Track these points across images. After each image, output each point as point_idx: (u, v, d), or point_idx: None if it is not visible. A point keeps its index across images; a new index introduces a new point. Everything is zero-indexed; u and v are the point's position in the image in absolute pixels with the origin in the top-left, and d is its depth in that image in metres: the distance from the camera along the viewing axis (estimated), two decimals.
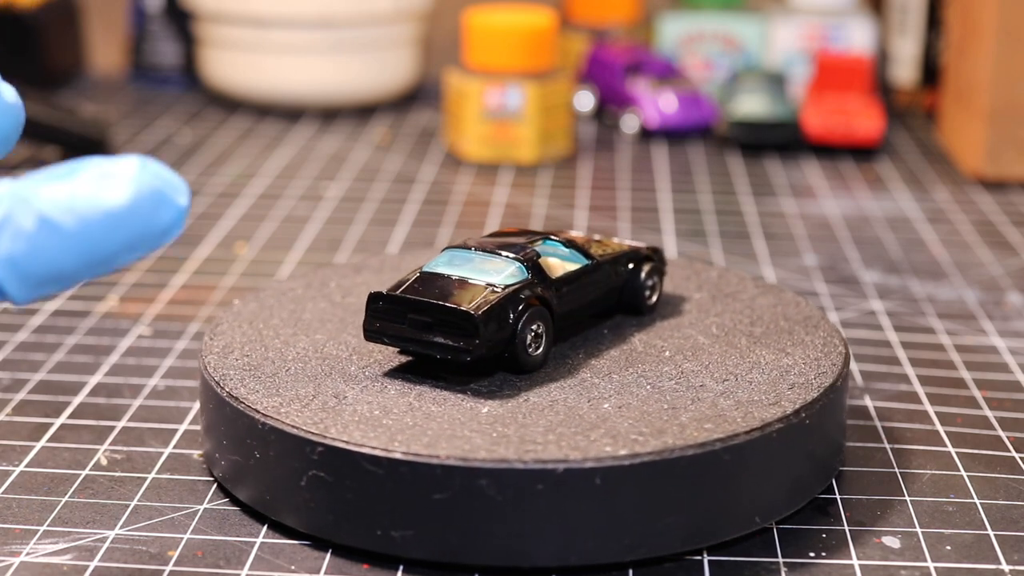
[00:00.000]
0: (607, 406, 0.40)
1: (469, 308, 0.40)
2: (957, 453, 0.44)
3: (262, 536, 0.39)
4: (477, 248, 0.43)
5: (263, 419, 0.39)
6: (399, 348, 0.42)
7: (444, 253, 0.43)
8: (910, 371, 0.50)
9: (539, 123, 0.77)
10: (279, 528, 0.39)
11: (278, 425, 0.38)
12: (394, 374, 0.42)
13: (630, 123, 0.83)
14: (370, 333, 0.42)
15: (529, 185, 0.73)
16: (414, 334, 0.41)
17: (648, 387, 0.41)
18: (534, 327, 0.41)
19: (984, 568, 0.38)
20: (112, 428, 0.45)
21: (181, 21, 0.93)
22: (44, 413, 0.46)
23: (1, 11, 0.90)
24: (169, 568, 0.37)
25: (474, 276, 0.42)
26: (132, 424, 0.46)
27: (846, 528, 0.40)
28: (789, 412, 0.39)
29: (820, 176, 0.75)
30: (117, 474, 0.42)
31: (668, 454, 0.37)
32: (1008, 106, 0.73)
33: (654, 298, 0.46)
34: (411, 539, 0.37)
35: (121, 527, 0.39)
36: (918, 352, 0.52)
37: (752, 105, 0.80)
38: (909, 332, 0.54)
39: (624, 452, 0.37)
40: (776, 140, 0.79)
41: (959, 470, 0.43)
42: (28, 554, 0.38)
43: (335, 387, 0.41)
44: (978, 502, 0.41)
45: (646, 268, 0.46)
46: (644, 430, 0.38)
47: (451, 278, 0.42)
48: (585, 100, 0.86)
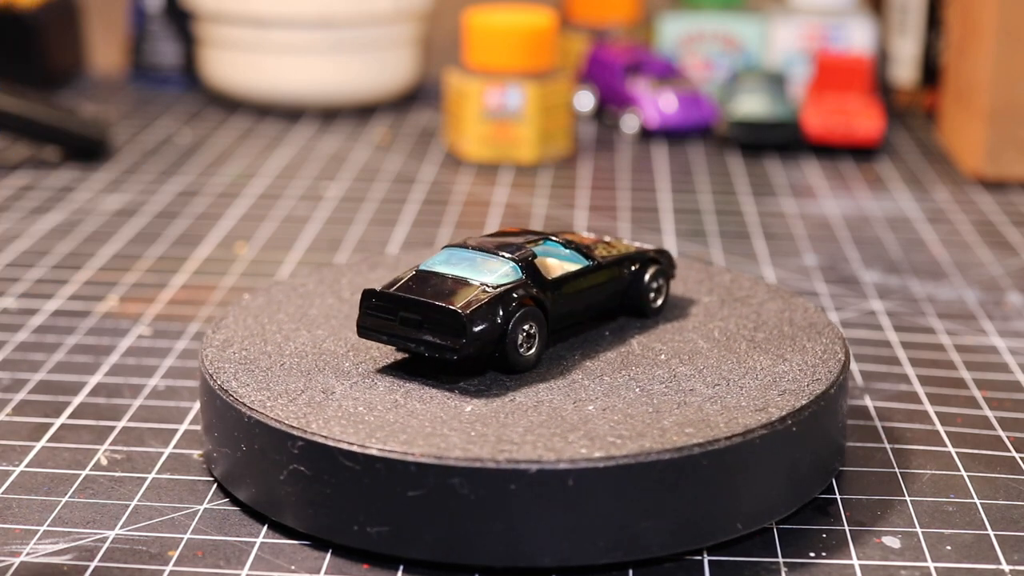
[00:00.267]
0: (592, 408, 0.40)
1: (457, 307, 0.40)
2: (957, 453, 0.44)
3: (262, 536, 0.39)
4: (475, 247, 0.43)
5: (249, 412, 0.39)
6: (391, 345, 0.42)
7: (442, 252, 0.43)
8: (910, 371, 0.50)
9: (539, 123, 0.77)
10: (279, 528, 0.39)
11: (262, 419, 0.39)
12: (387, 371, 0.42)
13: (630, 123, 0.83)
14: (363, 330, 0.42)
15: (529, 185, 0.73)
16: (405, 332, 0.41)
17: (637, 390, 0.41)
18: (526, 327, 0.41)
19: (984, 568, 0.38)
20: (112, 428, 0.45)
21: (181, 21, 0.93)
22: (44, 413, 0.46)
23: (1, 11, 0.90)
24: (169, 568, 0.37)
25: (469, 275, 0.42)
26: (132, 424, 0.46)
27: (846, 528, 0.40)
28: (775, 419, 0.39)
29: (820, 176, 0.75)
30: (117, 474, 0.42)
31: (644, 457, 0.37)
32: (1008, 106, 0.73)
33: (659, 301, 0.46)
34: (386, 535, 0.37)
35: (121, 527, 0.39)
36: (918, 352, 0.52)
37: (752, 105, 0.80)
38: (909, 332, 0.54)
39: (599, 454, 0.37)
40: (776, 140, 0.79)
41: (959, 470, 0.43)
42: (28, 554, 0.38)
43: (325, 383, 0.41)
44: (978, 502, 0.41)
45: (651, 271, 0.46)
46: (624, 433, 0.38)
47: (446, 277, 0.42)
48: (585, 100, 0.86)
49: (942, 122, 0.83)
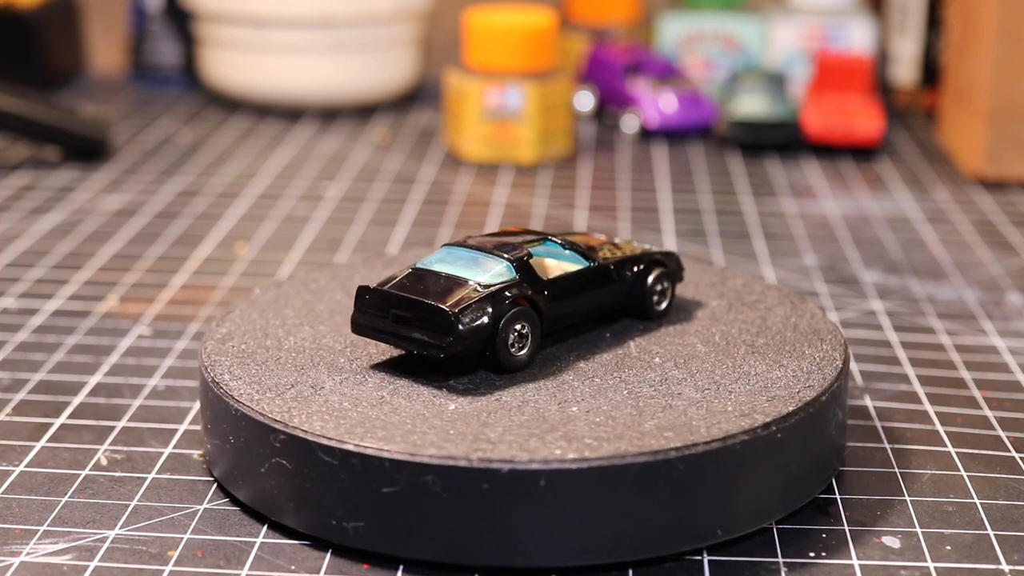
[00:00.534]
0: (575, 409, 0.39)
1: (445, 305, 0.40)
2: (957, 453, 0.44)
3: (262, 536, 0.39)
4: (474, 246, 0.43)
5: (235, 405, 0.40)
6: (382, 342, 0.42)
7: (441, 250, 0.43)
8: (910, 371, 0.50)
9: (539, 123, 0.77)
10: (279, 528, 0.39)
11: (248, 412, 0.39)
12: (380, 368, 0.42)
13: (630, 123, 0.83)
14: (356, 326, 0.42)
15: (529, 185, 0.73)
16: (395, 329, 0.41)
17: (624, 392, 0.40)
18: (518, 327, 0.41)
19: (984, 568, 0.38)
20: (112, 428, 0.45)
21: (181, 21, 0.93)
22: (44, 413, 0.46)
23: (1, 11, 0.90)
24: (169, 568, 0.37)
25: (463, 274, 0.42)
26: (132, 424, 0.46)
27: (846, 528, 0.40)
28: (757, 425, 0.38)
29: (820, 176, 0.75)
30: (117, 474, 0.42)
31: (619, 460, 0.36)
32: (1008, 106, 0.73)
33: (664, 304, 0.46)
34: (363, 531, 0.37)
35: (121, 527, 0.39)
36: (918, 352, 0.52)
37: (752, 105, 0.80)
38: (909, 332, 0.54)
39: (572, 456, 0.36)
40: (776, 140, 0.79)
41: (959, 470, 0.43)
42: (28, 554, 0.38)
43: (316, 378, 0.41)
44: (978, 502, 0.41)
45: (655, 273, 0.45)
46: (602, 435, 0.38)
47: (440, 275, 0.42)
48: (585, 100, 0.86)
49: (942, 122, 0.83)
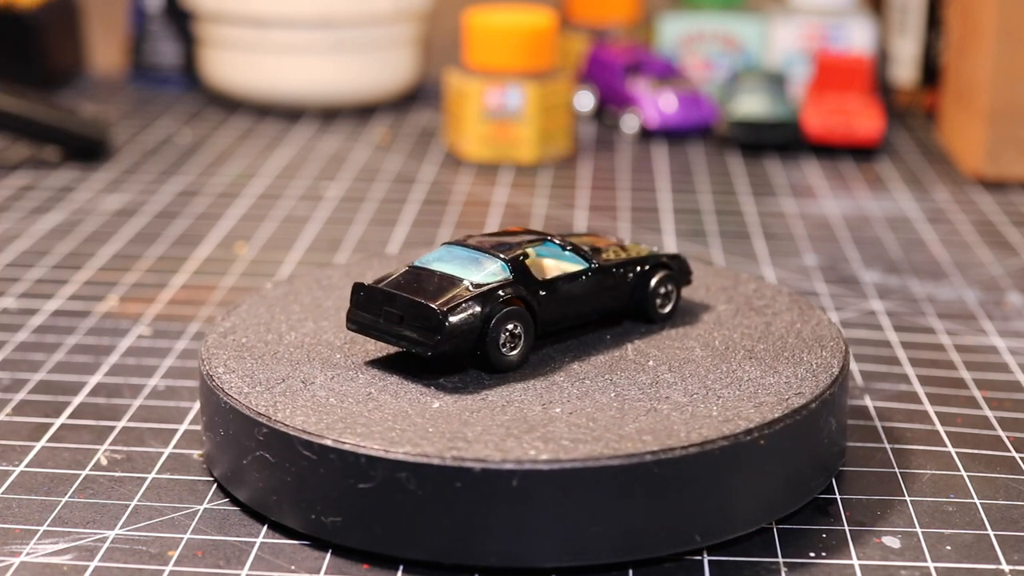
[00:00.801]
0: (559, 410, 0.39)
1: (434, 304, 0.40)
2: (957, 453, 0.44)
3: (262, 536, 0.39)
4: (472, 246, 0.43)
5: (224, 398, 0.40)
6: (375, 339, 0.42)
7: (440, 249, 0.43)
8: (910, 371, 0.50)
9: (539, 123, 0.77)
10: (279, 528, 0.39)
11: (236, 405, 0.39)
12: (373, 365, 0.42)
13: (630, 123, 0.83)
14: (350, 323, 0.42)
15: (529, 185, 0.73)
16: (387, 326, 0.41)
17: (612, 395, 0.40)
18: (510, 327, 0.41)
19: (984, 568, 0.38)
20: (112, 428, 0.45)
21: (181, 21, 0.93)
22: (44, 413, 0.46)
23: (1, 11, 0.90)
24: (169, 568, 0.37)
25: (458, 273, 0.42)
26: (132, 424, 0.46)
27: (846, 528, 0.40)
28: (739, 431, 0.38)
29: (820, 176, 0.75)
30: (117, 474, 0.42)
31: (593, 462, 0.36)
32: (1008, 106, 0.73)
33: (668, 307, 0.45)
34: (340, 526, 0.38)
35: (121, 527, 0.39)
36: (918, 352, 0.52)
37: (752, 105, 0.80)
38: (909, 332, 0.54)
39: (546, 457, 0.36)
40: (776, 140, 0.79)
41: (959, 470, 0.43)
42: (28, 554, 0.38)
43: (309, 373, 0.41)
44: (978, 502, 0.41)
45: (659, 276, 0.45)
46: (580, 436, 0.37)
47: (435, 274, 0.42)
48: (585, 100, 0.86)
49: (942, 122, 0.83)
